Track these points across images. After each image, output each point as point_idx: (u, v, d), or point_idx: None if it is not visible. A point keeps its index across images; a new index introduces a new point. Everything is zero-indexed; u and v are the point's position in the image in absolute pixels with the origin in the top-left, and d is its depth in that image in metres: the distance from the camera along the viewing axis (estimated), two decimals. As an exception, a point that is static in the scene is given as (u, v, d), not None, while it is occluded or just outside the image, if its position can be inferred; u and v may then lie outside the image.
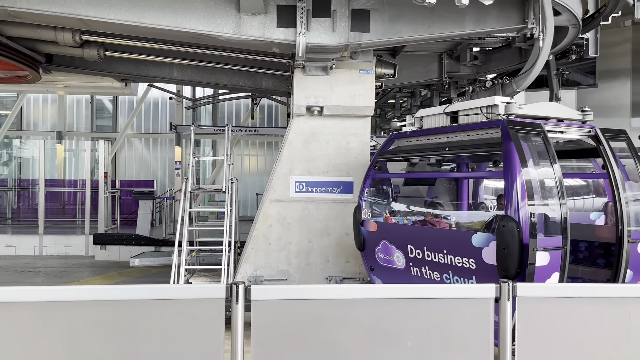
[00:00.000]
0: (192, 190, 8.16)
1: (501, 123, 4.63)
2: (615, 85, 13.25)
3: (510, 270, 4.08)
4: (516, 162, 4.28)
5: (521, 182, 4.24)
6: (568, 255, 4.26)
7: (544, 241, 4.22)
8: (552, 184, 4.42)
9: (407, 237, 5.49)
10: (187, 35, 6.70)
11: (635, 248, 4.70)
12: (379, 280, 5.95)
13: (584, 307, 2.90)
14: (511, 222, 4.12)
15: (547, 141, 4.62)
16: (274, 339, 2.71)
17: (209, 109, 19.78)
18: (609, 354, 2.93)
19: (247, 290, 2.66)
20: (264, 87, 10.35)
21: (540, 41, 6.48)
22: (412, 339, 2.80)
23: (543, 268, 4.14)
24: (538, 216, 4.24)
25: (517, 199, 4.22)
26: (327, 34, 6.60)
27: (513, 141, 4.38)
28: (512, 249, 4.07)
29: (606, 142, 4.97)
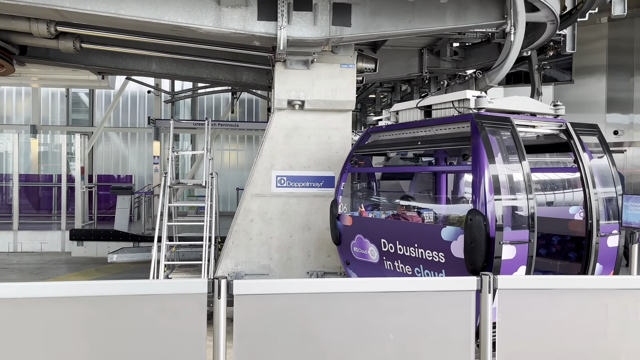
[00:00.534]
0: (172, 185, 8.06)
1: (470, 117, 4.64)
2: (591, 81, 13.49)
3: (477, 263, 4.11)
4: (484, 156, 4.30)
5: (488, 176, 4.26)
6: (535, 248, 4.31)
7: (511, 235, 4.25)
8: (520, 178, 4.45)
9: (380, 231, 5.50)
10: (166, 28, 6.59)
11: (605, 242, 4.76)
12: (354, 274, 5.96)
13: (564, 299, 2.95)
14: (478, 215, 4.14)
15: (516, 135, 4.64)
16: (257, 334, 2.69)
17: (188, 103, 19.55)
18: (588, 346, 2.99)
19: (230, 284, 2.64)
20: (245, 81, 10.26)
21: (512, 35, 6.57)
22: (395, 332, 2.82)
23: (509, 261, 4.17)
24: (505, 210, 4.26)
25: (484, 192, 4.24)
26: (309, 27, 6.57)
27: (481, 135, 4.40)
28: (479, 242, 4.10)
29: (576, 137, 5.00)
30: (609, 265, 4.76)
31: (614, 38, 13.31)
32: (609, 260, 4.76)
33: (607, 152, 5.15)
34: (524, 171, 4.44)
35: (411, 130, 5.67)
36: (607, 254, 4.75)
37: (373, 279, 3.48)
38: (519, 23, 6.47)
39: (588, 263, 4.68)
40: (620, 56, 13.26)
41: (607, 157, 5.11)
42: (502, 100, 5.23)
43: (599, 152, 6.01)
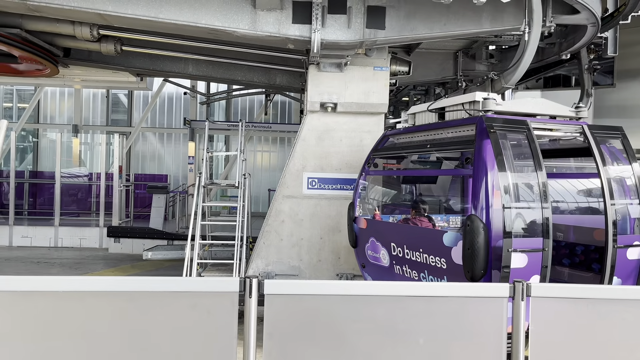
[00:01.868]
0: (206, 185, 8.21)
1: (477, 119, 4.49)
2: (633, 85, 13.04)
3: (475, 271, 3.96)
4: (485, 159, 4.14)
5: (490, 180, 4.10)
6: (550, 257, 4.12)
7: (521, 242, 4.07)
8: (532, 183, 4.26)
9: (391, 235, 5.43)
10: (203, 31, 6.74)
11: (624, 254, 4.47)
12: (369, 277, 5.91)
13: (598, 309, 2.88)
14: (476, 221, 4.00)
15: (532, 138, 4.43)
16: (287, 333, 2.73)
17: (223, 105, 19.83)
18: (626, 357, 2.90)
19: (261, 284, 2.68)
20: (278, 84, 10.37)
21: (526, 35, 6.32)
22: (424, 337, 2.80)
23: (520, 270, 4.00)
24: (512, 216, 4.08)
25: (484, 197, 4.08)
26: (342, 30, 6.59)
27: (484, 138, 4.23)
28: (477, 249, 3.94)
29: (594, 141, 4.69)
30: (628, 278, 4.47)
31: (659, 41, 12.84)
32: (628, 273, 4.48)
33: (631, 158, 4.82)
34: (539, 176, 4.24)
35: (425, 133, 5.53)
36: (627, 266, 4.46)
37: (403, 283, 3.47)
38: (534, 22, 6.24)
39: (604, 276, 4.41)
40: (666, 59, 12.78)
41: (631, 164, 4.78)
42: (515, 102, 5.04)
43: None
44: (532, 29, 6.28)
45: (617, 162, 4.79)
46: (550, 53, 9.16)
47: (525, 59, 6.52)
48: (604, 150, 4.74)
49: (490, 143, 4.22)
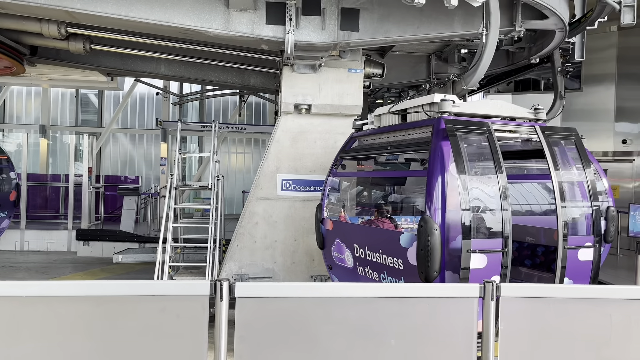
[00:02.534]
0: (178, 187, 8.09)
1: (434, 121, 4.51)
2: (599, 89, 13.43)
3: (428, 272, 3.96)
4: (439, 160, 4.15)
5: (444, 181, 4.10)
6: (509, 258, 4.15)
7: (481, 243, 4.08)
8: (492, 184, 4.27)
9: (354, 236, 5.43)
10: (175, 31, 6.65)
11: (575, 255, 4.49)
12: (336, 278, 5.90)
13: (567, 308, 2.93)
14: (430, 222, 4.00)
15: (491, 140, 4.43)
16: (258, 336, 2.70)
17: (196, 105, 19.62)
18: (591, 355, 2.96)
19: (232, 287, 2.64)
20: (252, 85, 10.32)
21: (484, 37, 6.33)
22: (396, 338, 2.81)
23: (480, 271, 4.03)
24: (471, 217, 4.09)
25: (437, 198, 4.09)
26: (317, 32, 6.59)
27: (440, 139, 4.24)
28: (430, 250, 3.94)
29: (546, 143, 4.69)
30: (581, 279, 4.51)
31: (623, 47, 13.25)
32: (580, 274, 4.50)
33: (584, 160, 4.83)
34: (499, 178, 4.25)
35: (388, 135, 5.52)
36: (578, 267, 4.48)
37: (376, 284, 3.48)
38: (491, 25, 6.27)
39: (556, 276, 4.42)
40: (630, 65, 13.19)
41: (584, 166, 4.78)
42: (473, 103, 4.99)
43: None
44: (490, 31, 6.29)
45: (570, 164, 4.79)
46: (521, 57, 9.35)
47: (483, 61, 6.54)
48: (559, 152, 4.75)
49: (445, 144, 4.22)
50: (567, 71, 9.78)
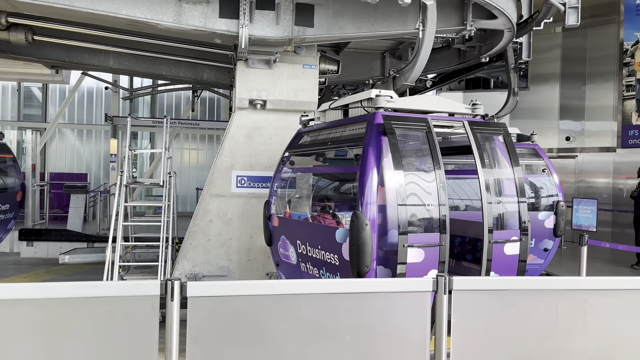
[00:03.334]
0: (128, 184, 7.84)
1: (369, 116, 4.51)
2: (545, 88, 13.99)
3: (359, 267, 3.95)
4: (371, 155, 4.15)
5: (375, 176, 4.10)
6: (447, 252, 4.21)
7: (417, 238, 4.12)
8: (429, 179, 4.31)
9: (297, 232, 5.40)
10: (124, 22, 6.42)
11: (501, 249, 4.52)
12: (283, 275, 5.86)
13: (516, 300, 3.01)
14: (361, 217, 4.00)
15: (429, 135, 4.45)
16: (211, 336, 2.63)
17: (148, 100, 19.07)
18: (539, 345, 3.06)
19: (183, 286, 2.57)
20: (206, 79, 10.12)
21: (420, 32, 6.33)
22: (351, 334, 2.81)
23: (417, 265, 4.07)
24: (407, 212, 4.10)
25: (369, 193, 4.09)
26: (271, 26, 6.52)
27: (373, 134, 4.24)
28: (360, 245, 3.94)
29: (474, 137, 4.70)
30: (506, 273, 4.52)
31: (567, 47, 13.85)
32: (506, 268, 4.52)
33: (512, 155, 4.81)
34: (436, 172, 4.29)
35: (330, 131, 5.47)
36: (504, 261, 4.51)
37: (331, 280, 3.47)
38: (428, 21, 6.27)
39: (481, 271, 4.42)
40: (573, 65, 13.81)
41: (511, 161, 4.77)
42: (411, 99, 5.01)
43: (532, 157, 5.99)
44: (427, 27, 6.27)
45: (498, 159, 4.82)
46: (471, 56, 9.59)
47: (421, 57, 6.53)
48: (488, 147, 4.78)
49: (377, 139, 4.22)
50: (519, 68, 9.96)
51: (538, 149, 7.94)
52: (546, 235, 7.39)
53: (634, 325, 3.16)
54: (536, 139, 7.93)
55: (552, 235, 7.36)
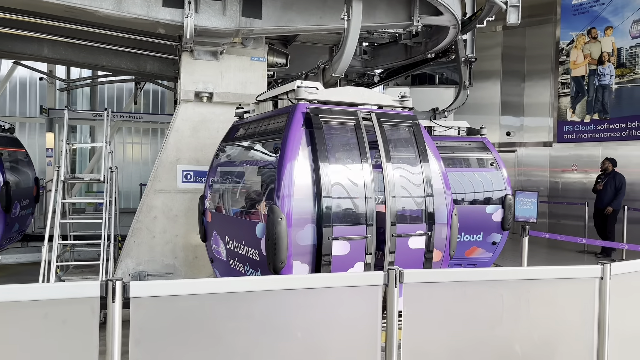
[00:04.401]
0: (66, 180, 7.44)
1: (290, 108, 4.46)
2: (487, 85, 14.44)
3: (274, 262, 3.91)
4: (288, 147, 4.11)
5: (291, 169, 4.06)
6: (373, 244, 4.20)
7: (342, 230, 4.10)
8: (353, 171, 4.28)
9: (226, 227, 5.30)
10: (60, 9, 6.05)
11: (406, 243, 4.46)
12: (217, 273, 5.72)
13: (465, 291, 3.06)
14: (276, 211, 3.95)
15: (358, 127, 4.39)
16: (156, 338, 2.51)
17: (87, 92, 18.22)
18: (486, 334, 3.13)
19: (126, 286, 2.43)
20: (149, 71, 9.74)
21: (345, 22, 6.17)
22: (302, 330, 2.76)
23: (343, 257, 4.06)
24: (329, 205, 4.07)
25: (284, 187, 4.04)
26: (217, 17, 6.34)
27: (291, 126, 4.20)
28: (275, 239, 3.89)
29: (379, 128, 4.59)
30: (412, 267, 4.38)
31: (507, 46, 14.35)
32: (411, 262, 4.45)
33: (421, 148, 4.72)
34: (363, 165, 4.26)
35: (260, 123, 5.31)
36: (409, 255, 4.45)
37: (280, 277, 3.41)
38: (353, 10, 6.14)
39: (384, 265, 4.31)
40: (513, 63, 14.33)
41: (419, 154, 4.70)
42: (337, 91, 4.94)
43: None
44: (352, 17, 6.14)
45: (406, 151, 4.78)
46: (418, 52, 9.73)
47: (347, 47, 6.37)
48: (396, 139, 4.75)
49: (296, 131, 4.17)
50: (470, 62, 9.92)
51: (487, 143, 8.15)
52: (494, 228, 7.56)
53: (574, 312, 3.29)
54: (485, 133, 8.16)
55: (500, 229, 7.52)
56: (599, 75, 12.40)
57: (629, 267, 3.31)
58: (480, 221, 7.59)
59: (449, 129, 8.47)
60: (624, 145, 11.82)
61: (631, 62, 11.84)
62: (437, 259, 4.54)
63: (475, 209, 7.77)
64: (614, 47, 12.16)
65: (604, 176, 10.71)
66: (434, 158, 4.76)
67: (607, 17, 12.27)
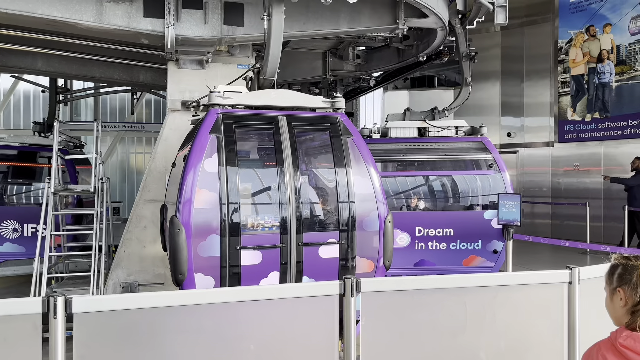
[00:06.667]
0: (57, 192, 7.47)
1: (207, 115, 4.32)
2: (486, 86, 14.29)
3: (174, 275, 3.78)
4: (192, 156, 4.00)
5: (193, 178, 3.94)
6: (292, 253, 4.05)
7: (253, 239, 3.97)
8: (268, 180, 4.18)
9: None
10: (42, 22, 6.10)
11: (315, 252, 4.22)
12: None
13: (426, 299, 2.99)
14: (175, 222, 3.81)
15: (277, 132, 4.20)
16: (101, 355, 2.48)
17: (90, 103, 18.38)
18: (449, 343, 3.05)
19: (68, 302, 2.40)
20: (142, 81, 9.79)
21: (266, 22, 5.86)
22: (256, 342, 2.71)
23: (254, 268, 3.92)
24: (240, 214, 3.95)
25: (185, 197, 3.92)
26: (199, 26, 6.35)
27: (198, 133, 4.09)
28: (174, 251, 3.77)
29: (288, 133, 4.37)
30: (325, 277, 4.05)
31: (506, 46, 14.20)
32: (324, 272, 4.19)
33: (337, 152, 4.46)
34: (278, 171, 4.13)
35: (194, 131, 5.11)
36: (320, 265, 4.21)
37: (231, 288, 3.35)
38: (273, 9, 5.79)
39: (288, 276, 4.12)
40: (512, 63, 14.17)
41: (335, 158, 4.44)
42: (254, 94, 4.82)
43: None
44: (272, 17, 5.77)
45: (323, 155, 4.62)
46: (410, 55, 9.66)
47: (272, 48, 5.96)
48: (309, 143, 4.60)
49: (202, 139, 4.06)
50: (471, 57, 9.38)
51: (487, 143, 7.71)
52: (494, 236, 7.00)
53: (543, 319, 3.20)
54: (485, 132, 7.84)
55: (501, 236, 6.90)
56: (599, 73, 12.22)
57: (599, 272, 3.20)
58: (478, 228, 7.10)
59: (443, 130, 8.19)
60: (625, 144, 11.61)
61: (631, 59, 11.64)
62: (368, 269, 4.31)
63: (471, 215, 7.42)
64: (613, 45, 11.98)
65: (636, 175, 10.24)
66: (362, 162, 4.46)
67: (605, 15, 12.09)
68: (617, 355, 1.84)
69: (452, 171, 8.15)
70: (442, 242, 6.96)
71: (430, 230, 6.95)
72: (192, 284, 3.77)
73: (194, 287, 3.74)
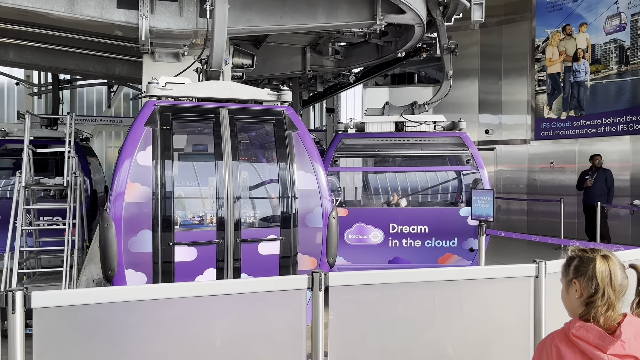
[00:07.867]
0: (27, 186, 7.31)
1: (145, 107, 4.27)
2: (465, 83, 14.37)
3: (104, 271, 3.70)
4: (124, 150, 3.95)
5: (124, 172, 3.88)
6: (229, 249, 3.98)
7: (187, 235, 3.90)
8: (204, 174, 4.12)
9: None
10: (12, 12, 5.95)
11: (255, 249, 4.15)
12: None
13: (393, 293, 2.99)
14: (104, 217, 3.74)
15: (217, 125, 4.13)
16: (61, 350, 2.42)
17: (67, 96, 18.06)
18: (417, 337, 3.07)
19: (27, 297, 2.34)
20: (118, 74, 9.63)
21: (208, 12, 5.56)
22: (221, 338, 2.69)
23: (189, 264, 3.86)
24: (173, 209, 3.88)
25: (115, 190, 3.85)
26: (174, 18, 6.26)
27: (133, 126, 4.04)
28: (103, 247, 3.71)
29: (229, 125, 4.29)
30: (265, 274, 4.10)
31: (485, 44, 14.32)
32: (263, 269, 4.14)
33: (280, 146, 4.38)
34: (217, 165, 4.06)
35: None
36: (259, 262, 4.15)
37: (194, 283, 3.32)
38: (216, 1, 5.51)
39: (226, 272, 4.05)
40: (491, 61, 14.29)
41: (277, 152, 4.39)
42: (195, 86, 4.73)
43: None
44: (215, 5, 5.45)
45: (265, 149, 4.58)
46: (389, 51, 9.67)
47: (215, 38, 5.60)
48: (252, 135, 4.56)
49: (136, 132, 4.01)
50: (452, 49, 8.91)
51: (464, 138, 7.62)
52: (470, 233, 6.88)
53: (510, 312, 3.23)
54: (464, 127, 7.72)
55: (477, 234, 6.65)
56: (574, 72, 12.40)
57: (565, 266, 3.25)
58: (454, 225, 7.01)
59: (420, 125, 8.12)
60: (599, 142, 11.81)
61: (605, 59, 11.84)
62: (311, 266, 4.26)
63: (446, 212, 7.38)
64: (588, 44, 12.16)
65: (591, 172, 10.50)
66: (307, 157, 4.41)
67: (581, 14, 12.27)
68: (570, 345, 1.87)
69: (428, 167, 8.17)
70: (417, 240, 6.89)
71: (405, 227, 6.88)
72: (123, 281, 3.68)
73: (124, 283, 3.64)
